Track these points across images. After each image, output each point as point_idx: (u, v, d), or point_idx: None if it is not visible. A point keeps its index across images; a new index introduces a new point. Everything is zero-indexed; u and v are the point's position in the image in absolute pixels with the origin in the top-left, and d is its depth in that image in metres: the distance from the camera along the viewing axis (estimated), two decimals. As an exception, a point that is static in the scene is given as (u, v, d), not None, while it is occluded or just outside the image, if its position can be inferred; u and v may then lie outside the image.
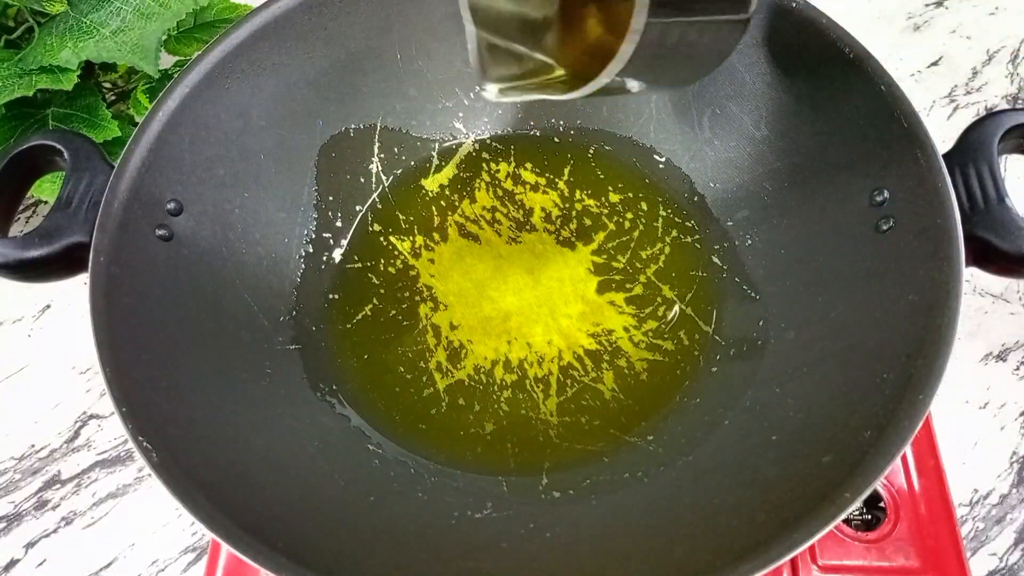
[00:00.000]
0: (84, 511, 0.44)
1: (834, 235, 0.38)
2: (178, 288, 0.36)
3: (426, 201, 0.46)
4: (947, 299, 0.31)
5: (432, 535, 0.33)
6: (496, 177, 0.47)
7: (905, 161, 0.34)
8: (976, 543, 0.43)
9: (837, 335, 0.35)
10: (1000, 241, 0.32)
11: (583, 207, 0.46)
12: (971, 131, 0.34)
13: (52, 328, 0.50)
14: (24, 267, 0.34)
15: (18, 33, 0.47)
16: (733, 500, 0.32)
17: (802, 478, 0.31)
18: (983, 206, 0.33)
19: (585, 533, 0.33)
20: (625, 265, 0.44)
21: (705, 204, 0.45)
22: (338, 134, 0.45)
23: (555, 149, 0.48)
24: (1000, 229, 0.32)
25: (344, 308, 0.42)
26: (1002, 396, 0.47)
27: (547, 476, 0.37)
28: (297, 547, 0.29)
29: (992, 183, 0.33)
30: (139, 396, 0.31)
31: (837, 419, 0.32)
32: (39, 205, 0.54)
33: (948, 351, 0.30)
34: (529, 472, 0.37)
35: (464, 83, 0.47)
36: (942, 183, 0.33)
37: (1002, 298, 0.50)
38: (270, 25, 0.41)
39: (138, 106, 0.48)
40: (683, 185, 0.46)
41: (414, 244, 0.45)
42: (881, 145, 0.36)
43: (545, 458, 0.38)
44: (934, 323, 0.30)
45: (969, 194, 0.33)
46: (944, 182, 0.33)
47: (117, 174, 0.35)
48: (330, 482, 0.34)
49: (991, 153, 0.33)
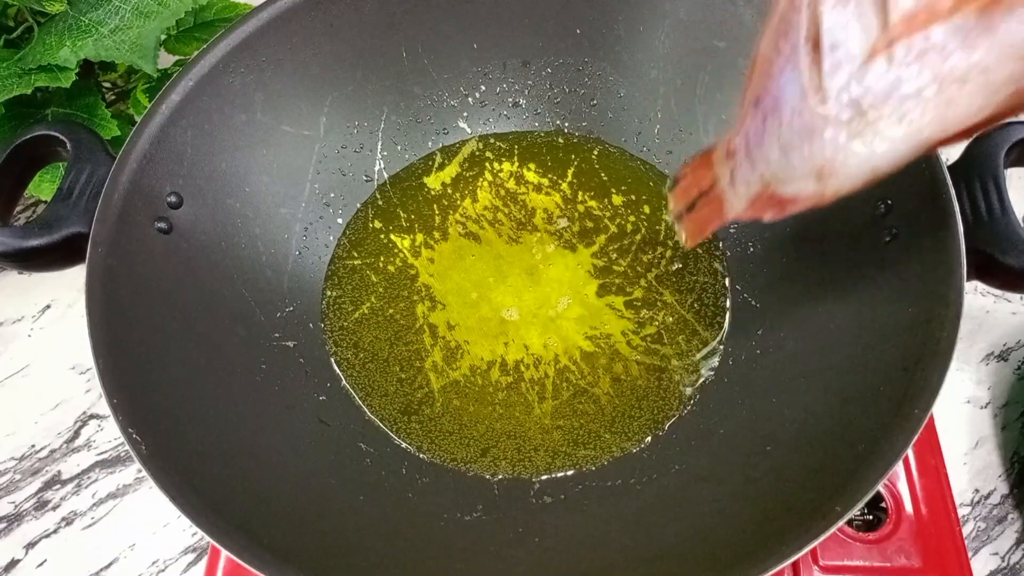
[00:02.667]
0: (84, 511, 0.44)
1: (836, 245, 0.37)
2: (175, 281, 0.36)
3: (428, 199, 0.46)
4: (947, 313, 0.30)
5: (420, 536, 0.33)
6: (499, 177, 0.47)
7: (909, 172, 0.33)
8: (978, 543, 0.42)
9: (836, 346, 0.35)
10: (1003, 255, 0.32)
11: (585, 209, 0.46)
12: (977, 144, 0.33)
13: (52, 328, 0.50)
14: (24, 256, 0.34)
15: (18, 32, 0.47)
16: (725, 510, 0.32)
17: (795, 490, 0.31)
18: (987, 219, 0.32)
19: (575, 540, 0.33)
20: (626, 269, 0.43)
21: (708, 209, 0.44)
22: (341, 130, 0.45)
23: (559, 150, 0.48)
24: (1004, 243, 0.32)
25: (342, 305, 0.42)
26: (1003, 396, 0.47)
27: (539, 481, 0.37)
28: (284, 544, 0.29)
29: (997, 196, 0.32)
30: (131, 388, 0.31)
31: (833, 431, 0.32)
32: (39, 205, 0.54)
33: (947, 365, 0.29)
34: (521, 476, 0.37)
35: (469, 82, 0.47)
36: (946, 195, 0.32)
37: (1003, 298, 0.50)
38: (276, 21, 0.41)
39: (137, 105, 0.48)
40: (687, 190, 0.45)
41: (414, 242, 0.45)
42: (886, 155, 0.35)
43: (538, 462, 0.37)
44: (933, 337, 0.30)
45: (973, 207, 0.33)
46: (948, 194, 0.32)
47: (118, 166, 0.35)
48: (320, 480, 0.34)
49: (996, 166, 0.33)
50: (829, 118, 0.24)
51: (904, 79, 0.21)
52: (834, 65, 0.23)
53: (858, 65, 0.22)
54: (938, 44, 0.20)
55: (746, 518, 0.30)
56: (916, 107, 0.22)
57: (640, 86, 0.46)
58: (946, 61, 0.20)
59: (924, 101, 0.22)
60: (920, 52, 0.21)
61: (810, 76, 0.24)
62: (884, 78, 0.22)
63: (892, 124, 0.23)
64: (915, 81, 0.21)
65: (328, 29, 0.42)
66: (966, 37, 0.20)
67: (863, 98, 0.23)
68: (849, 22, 0.22)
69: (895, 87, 0.22)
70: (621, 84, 0.46)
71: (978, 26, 0.19)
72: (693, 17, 0.43)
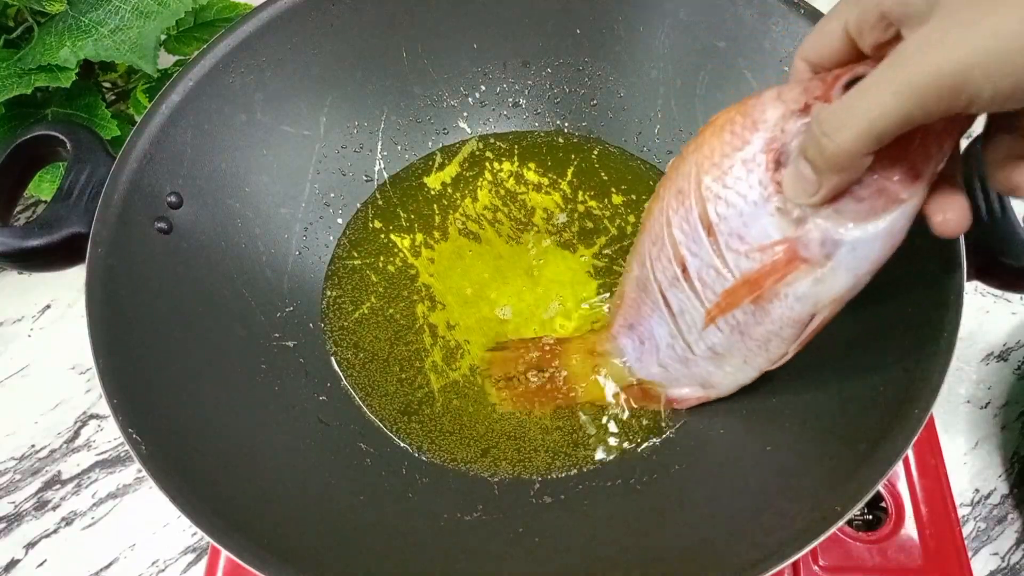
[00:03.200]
0: (84, 511, 0.44)
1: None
2: (176, 281, 0.36)
3: (428, 199, 0.46)
4: (947, 313, 0.30)
5: (420, 536, 0.33)
6: (499, 177, 0.47)
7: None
8: (978, 543, 0.43)
9: (835, 347, 0.35)
10: (1003, 255, 0.32)
11: (586, 208, 0.46)
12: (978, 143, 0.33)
13: (52, 328, 0.50)
14: (24, 256, 0.34)
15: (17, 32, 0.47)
16: (725, 510, 0.32)
17: (794, 490, 0.31)
18: (987, 219, 0.32)
19: (574, 540, 0.33)
20: (626, 269, 0.43)
21: (708, 209, 0.44)
22: (341, 130, 0.45)
23: (559, 150, 0.48)
24: (1004, 243, 0.32)
25: (341, 305, 0.42)
26: (1003, 396, 0.47)
27: (539, 481, 0.37)
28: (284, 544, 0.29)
29: (997, 196, 0.32)
30: (131, 388, 0.31)
31: (833, 431, 0.32)
32: (39, 205, 0.54)
33: (946, 366, 0.29)
34: (521, 476, 0.37)
35: (469, 82, 0.47)
36: (946, 195, 0.32)
37: (1003, 298, 0.50)
38: (276, 21, 0.41)
39: (138, 105, 0.48)
40: (687, 190, 0.45)
41: (414, 242, 0.45)
42: (886, 155, 0.35)
43: (538, 462, 0.37)
44: (933, 337, 0.30)
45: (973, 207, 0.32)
46: (948, 194, 0.32)
47: (118, 166, 0.35)
48: (320, 480, 0.34)
49: (997, 166, 0.33)
50: (698, 357, 0.33)
51: (732, 338, 0.31)
52: (686, 325, 0.32)
53: (699, 329, 0.32)
54: (741, 321, 0.30)
55: (746, 518, 0.30)
56: (750, 353, 0.31)
57: (640, 86, 0.46)
58: (750, 329, 0.30)
59: (751, 349, 0.31)
60: (732, 326, 0.31)
61: (673, 327, 0.33)
62: (721, 336, 0.31)
63: (739, 362, 0.32)
64: (740, 339, 0.31)
65: (328, 29, 0.42)
66: (754, 315, 0.30)
67: (715, 347, 0.32)
68: (683, 299, 0.31)
69: (731, 342, 0.31)
70: (621, 84, 0.46)
71: (758, 310, 0.29)
72: (693, 17, 0.43)
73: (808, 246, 0.26)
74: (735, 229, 0.28)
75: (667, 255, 0.31)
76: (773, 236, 0.27)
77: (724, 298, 0.29)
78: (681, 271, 0.30)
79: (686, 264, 0.30)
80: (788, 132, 0.26)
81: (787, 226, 0.27)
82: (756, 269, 0.28)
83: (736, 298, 0.29)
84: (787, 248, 0.27)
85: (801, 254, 0.27)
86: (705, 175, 0.28)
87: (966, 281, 0.31)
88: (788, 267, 0.27)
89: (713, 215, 0.28)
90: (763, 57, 0.41)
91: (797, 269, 0.27)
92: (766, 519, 0.30)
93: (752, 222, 0.27)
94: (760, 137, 0.27)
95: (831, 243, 0.26)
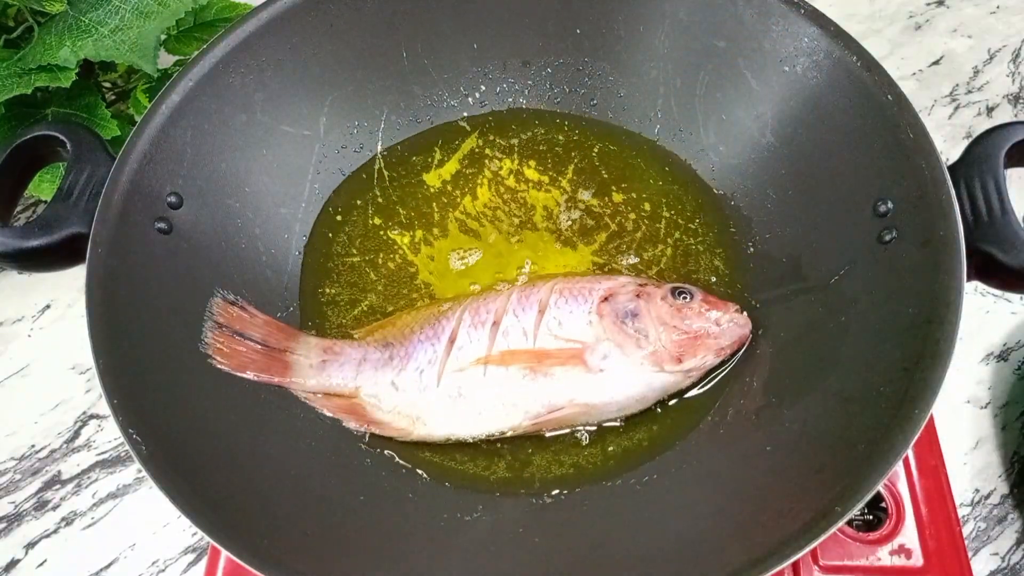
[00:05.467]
0: (84, 511, 0.44)
1: (836, 244, 0.37)
2: (175, 281, 0.36)
3: (427, 196, 0.46)
4: (947, 313, 0.30)
5: (420, 537, 0.33)
6: (499, 174, 0.47)
7: (910, 172, 0.34)
8: (978, 543, 0.42)
9: (836, 346, 0.35)
10: (1004, 255, 0.32)
11: (586, 206, 0.46)
12: (977, 144, 0.33)
13: (52, 328, 0.50)
14: (24, 256, 0.34)
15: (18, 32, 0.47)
16: (725, 510, 0.32)
17: (794, 490, 0.31)
18: (987, 219, 0.32)
19: (574, 540, 0.33)
20: (627, 267, 0.43)
21: (708, 208, 0.44)
22: (341, 130, 0.45)
23: (559, 147, 0.48)
24: (1004, 243, 0.32)
25: (341, 304, 0.42)
26: (1003, 396, 0.47)
27: (540, 480, 0.37)
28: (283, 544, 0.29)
29: (997, 197, 0.32)
30: (131, 389, 0.31)
31: (833, 431, 0.32)
32: (39, 205, 0.54)
33: (946, 366, 0.29)
34: (522, 476, 0.37)
35: (469, 82, 0.47)
36: (946, 195, 0.32)
37: (1003, 298, 0.50)
38: (276, 21, 0.41)
39: (138, 105, 0.48)
40: (687, 188, 0.45)
41: (414, 239, 0.45)
42: (886, 155, 0.35)
43: (539, 462, 0.37)
44: (933, 337, 0.30)
45: (973, 207, 0.33)
46: (948, 194, 0.32)
47: (118, 166, 0.35)
48: (320, 480, 0.34)
49: (997, 166, 0.33)
50: (438, 390, 0.37)
51: (487, 389, 0.37)
52: (456, 359, 0.38)
53: (467, 363, 0.37)
54: (506, 377, 0.37)
55: (746, 518, 0.30)
56: (489, 408, 0.37)
57: (640, 86, 0.46)
58: (506, 387, 0.37)
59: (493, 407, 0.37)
60: (497, 378, 0.37)
61: (442, 355, 0.38)
62: (478, 381, 0.37)
63: (473, 412, 0.37)
64: (494, 392, 0.37)
65: (328, 29, 0.42)
66: (521, 379, 0.37)
67: (462, 388, 0.37)
68: (473, 339, 0.38)
69: (483, 391, 0.37)
70: (621, 84, 0.46)
71: (528, 374, 0.37)
72: (693, 17, 0.43)
73: (593, 354, 0.37)
74: (559, 317, 0.38)
75: (489, 308, 0.39)
76: (578, 336, 0.37)
77: (508, 353, 0.37)
78: (493, 322, 0.38)
79: (502, 319, 0.38)
80: (622, 292, 0.38)
81: (590, 335, 0.37)
82: (550, 348, 0.37)
83: (516, 358, 0.37)
84: (580, 348, 0.37)
85: (584, 356, 0.37)
86: (561, 282, 0.40)
87: (966, 281, 0.31)
88: (569, 359, 0.37)
89: (551, 303, 0.38)
90: (763, 57, 0.41)
91: (575, 365, 0.37)
92: (766, 519, 0.30)
93: (573, 320, 0.38)
94: (606, 284, 0.39)
95: (607, 362, 0.37)
